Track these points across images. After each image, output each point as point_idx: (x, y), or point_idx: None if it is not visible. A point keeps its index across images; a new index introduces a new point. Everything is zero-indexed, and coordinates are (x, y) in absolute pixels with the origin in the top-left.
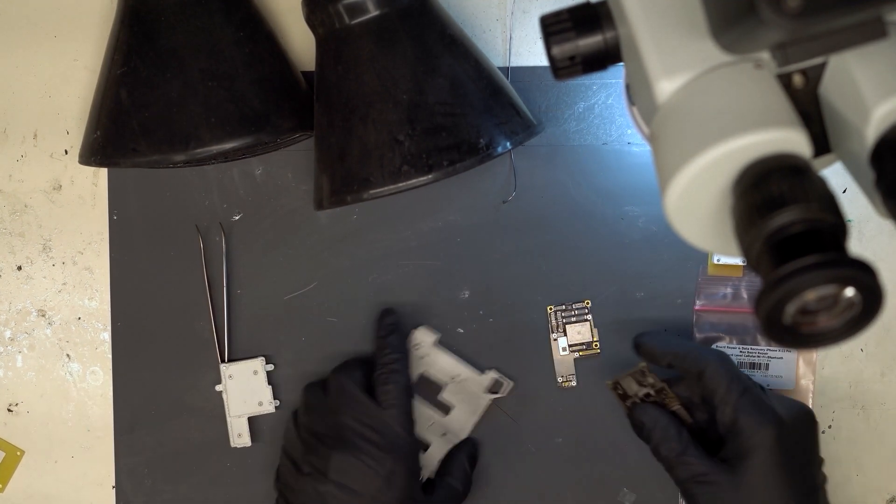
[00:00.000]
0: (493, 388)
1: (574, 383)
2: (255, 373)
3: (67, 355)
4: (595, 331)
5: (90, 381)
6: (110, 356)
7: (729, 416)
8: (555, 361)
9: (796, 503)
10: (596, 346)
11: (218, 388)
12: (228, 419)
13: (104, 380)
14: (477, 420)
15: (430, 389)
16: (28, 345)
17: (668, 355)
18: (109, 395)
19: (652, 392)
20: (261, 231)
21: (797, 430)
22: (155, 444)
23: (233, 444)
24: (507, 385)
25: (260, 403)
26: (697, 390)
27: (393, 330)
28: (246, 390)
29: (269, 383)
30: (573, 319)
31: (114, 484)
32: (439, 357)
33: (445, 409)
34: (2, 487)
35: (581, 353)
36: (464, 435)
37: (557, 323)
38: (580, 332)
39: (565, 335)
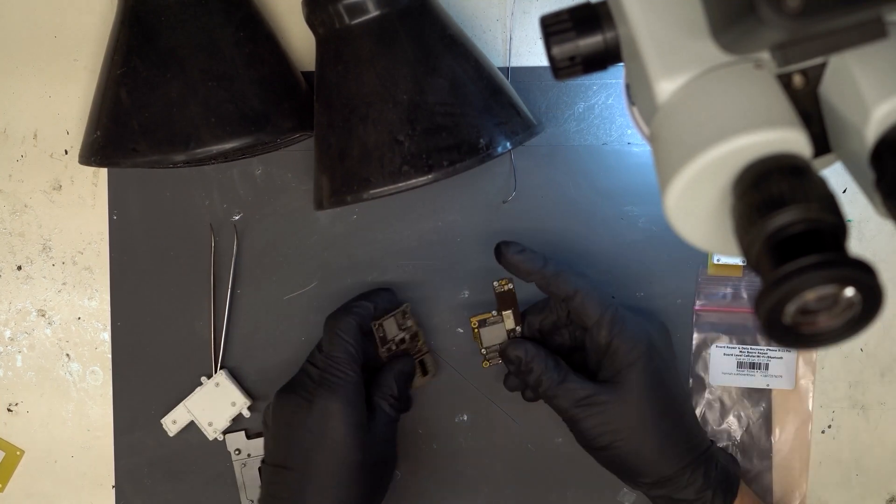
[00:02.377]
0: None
1: None
2: (218, 385)
3: (67, 355)
4: None
5: (90, 381)
6: (110, 356)
7: (605, 337)
8: None
9: (673, 413)
10: None
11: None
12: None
13: (104, 380)
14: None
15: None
16: (28, 345)
17: (535, 274)
18: (109, 395)
19: (406, 337)
20: (261, 231)
21: (662, 342)
22: (155, 444)
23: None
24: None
25: (233, 404)
26: (560, 312)
27: (381, 290)
28: (214, 406)
29: (242, 385)
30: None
31: (114, 484)
32: None
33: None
34: (2, 487)
35: None
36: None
37: None
38: None
39: None
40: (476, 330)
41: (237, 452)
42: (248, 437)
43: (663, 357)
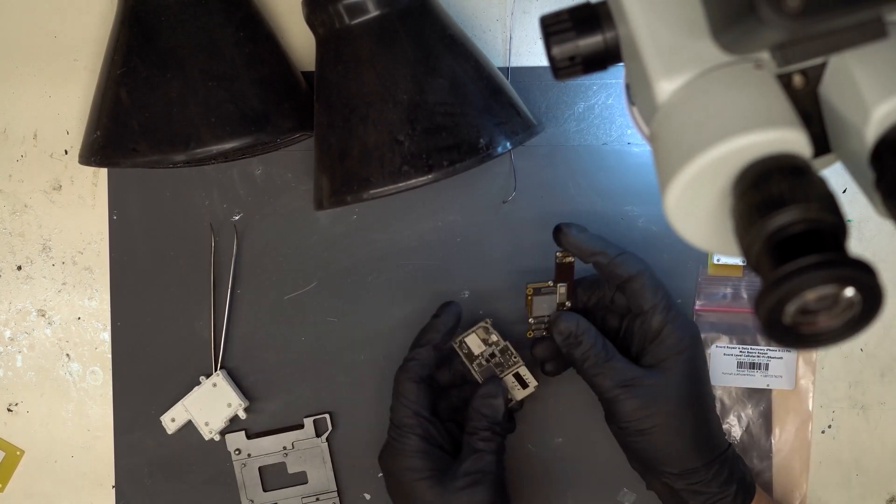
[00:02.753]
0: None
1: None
2: (215, 385)
3: (67, 355)
4: None
5: (90, 381)
6: (110, 356)
7: (658, 322)
8: None
9: (705, 409)
10: None
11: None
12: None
13: (104, 380)
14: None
15: None
16: (28, 345)
17: (596, 254)
18: (109, 395)
19: (496, 351)
20: (261, 231)
21: (699, 341)
22: (155, 443)
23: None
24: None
25: (228, 405)
26: (608, 294)
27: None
28: (211, 406)
29: (240, 386)
30: None
31: (114, 484)
32: None
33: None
34: (2, 487)
35: None
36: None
37: None
38: None
39: None
40: (530, 297)
41: (237, 452)
42: (248, 437)
43: (702, 355)
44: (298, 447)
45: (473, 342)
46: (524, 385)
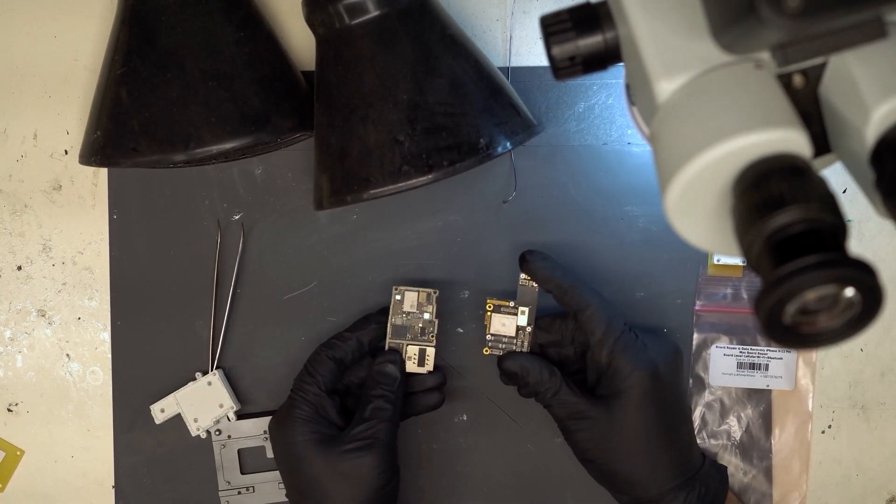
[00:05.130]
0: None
1: None
2: (210, 384)
3: (67, 355)
4: None
5: (90, 381)
6: (110, 356)
7: (605, 357)
8: None
9: (667, 436)
10: None
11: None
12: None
13: (104, 380)
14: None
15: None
16: (28, 345)
17: (551, 283)
18: (109, 395)
19: (423, 320)
20: (261, 231)
21: (669, 369)
22: (155, 444)
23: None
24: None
25: (220, 405)
26: (570, 326)
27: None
28: (203, 404)
29: (235, 388)
30: None
31: (113, 484)
32: None
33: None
34: (2, 487)
35: None
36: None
37: None
38: None
39: None
40: (489, 313)
41: (217, 433)
42: (229, 419)
43: (665, 382)
44: None
45: (411, 297)
46: (422, 363)
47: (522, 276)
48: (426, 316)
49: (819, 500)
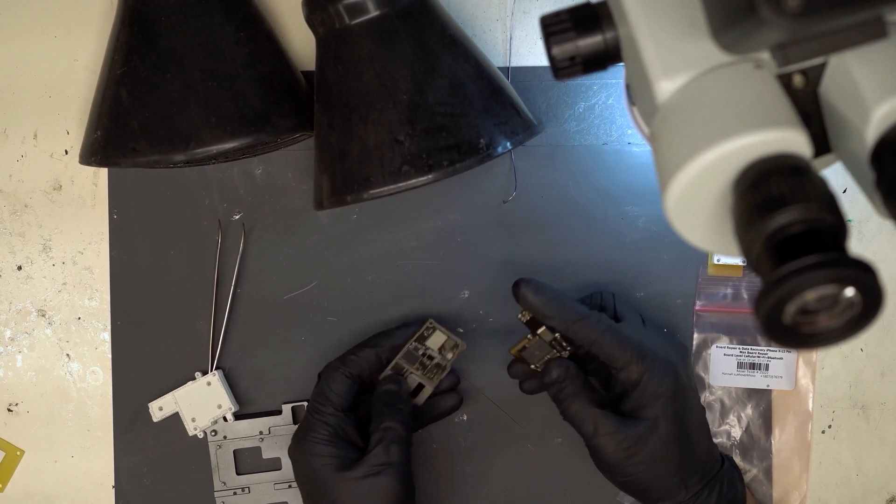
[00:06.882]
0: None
1: None
2: (209, 384)
3: (67, 355)
4: None
5: (90, 381)
6: (110, 356)
7: (636, 375)
8: None
9: (696, 430)
10: None
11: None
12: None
13: (104, 380)
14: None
15: None
16: (28, 345)
17: (551, 320)
18: (109, 395)
19: (438, 360)
20: (261, 231)
21: (685, 371)
22: (155, 444)
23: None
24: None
25: (219, 406)
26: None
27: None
28: (201, 403)
29: (234, 388)
30: None
31: (114, 484)
32: None
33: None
34: (2, 487)
35: None
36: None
37: None
38: None
39: None
40: (519, 354)
41: (213, 434)
42: (226, 419)
43: (685, 385)
44: (275, 433)
45: (439, 338)
46: (414, 395)
47: (519, 314)
48: (442, 360)
49: (819, 500)
